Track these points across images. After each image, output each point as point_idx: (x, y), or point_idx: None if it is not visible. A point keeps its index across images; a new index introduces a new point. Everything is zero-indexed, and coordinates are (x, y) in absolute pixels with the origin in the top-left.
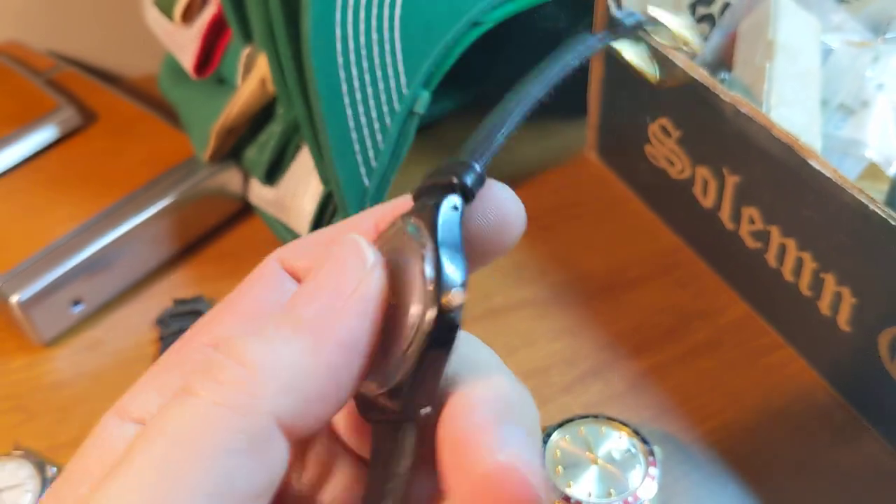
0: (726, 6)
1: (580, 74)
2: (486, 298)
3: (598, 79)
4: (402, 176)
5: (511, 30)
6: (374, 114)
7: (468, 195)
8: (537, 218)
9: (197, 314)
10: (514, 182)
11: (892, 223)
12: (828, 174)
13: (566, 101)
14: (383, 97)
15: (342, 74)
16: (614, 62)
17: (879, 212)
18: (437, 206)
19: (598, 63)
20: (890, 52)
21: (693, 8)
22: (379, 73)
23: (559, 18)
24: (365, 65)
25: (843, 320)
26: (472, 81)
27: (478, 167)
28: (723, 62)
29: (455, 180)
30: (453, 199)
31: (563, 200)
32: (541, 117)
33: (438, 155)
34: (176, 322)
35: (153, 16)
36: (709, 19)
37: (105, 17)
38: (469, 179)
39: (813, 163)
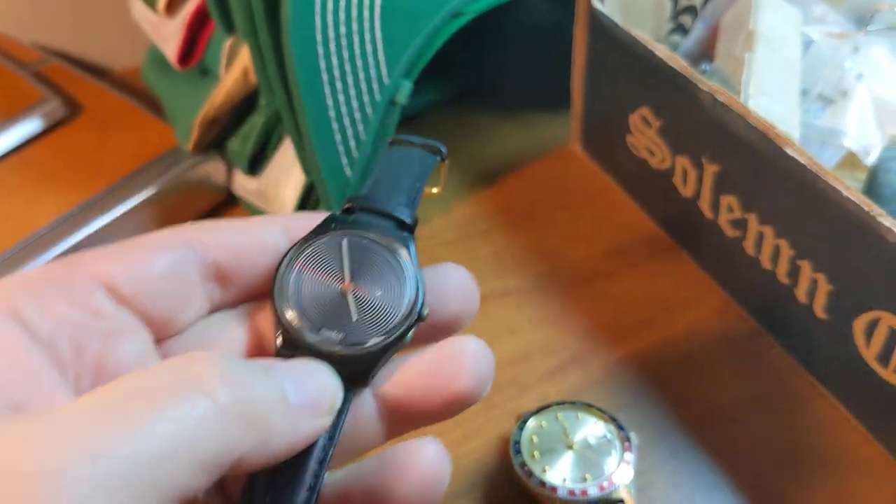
0: None
1: (564, 66)
2: None
3: (580, 69)
4: None
5: (494, 22)
6: (354, 103)
7: (412, 230)
8: (520, 208)
9: None
10: (498, 173)
11: (866, 209)
12: (803, 161)
13: (551, 93)
14: (364, 87)
15: (322, 64)
16: (597, 52)
17: (854, 199)
18: (408, 245)
19: (581, 52)
20: (870, 43)
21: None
22: (359, 63)
23: (542, 10)
24: (345, 54)
25: (820, 307)
26: (456, 74)
27: (409, 212)
28: (705, 54)
29: (408, 220)
30: (408, 238)
31: (548, 191)
32: (526, 109)
33: None
34: None
35: (138, 7)
36: (691, 11)
37: (91, 9)
38: (409, 218)
39: (789, 150)
